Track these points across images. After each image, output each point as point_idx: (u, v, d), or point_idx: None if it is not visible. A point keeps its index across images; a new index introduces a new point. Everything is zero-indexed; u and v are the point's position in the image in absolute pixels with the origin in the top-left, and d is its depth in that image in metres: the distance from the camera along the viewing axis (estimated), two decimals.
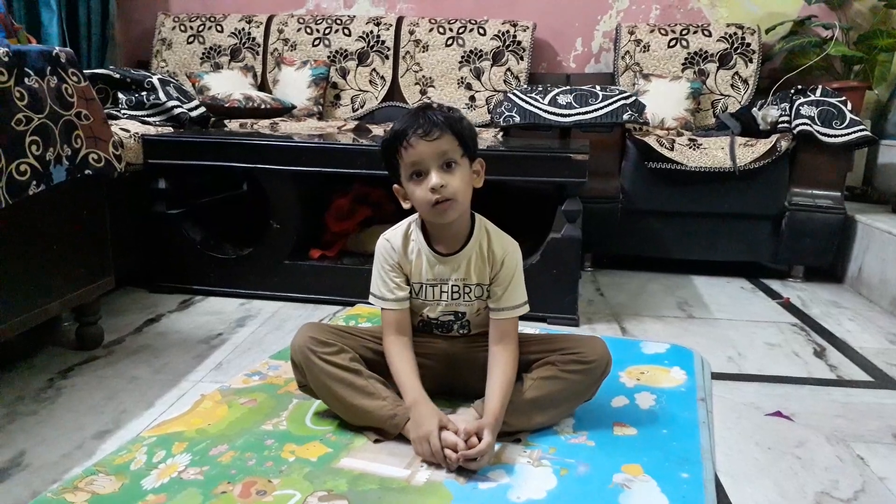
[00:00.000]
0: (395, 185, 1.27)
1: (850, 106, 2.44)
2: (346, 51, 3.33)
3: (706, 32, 3.13)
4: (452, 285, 1.29)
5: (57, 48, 1.51)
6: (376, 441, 1.23)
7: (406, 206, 1.28)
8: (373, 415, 1.23)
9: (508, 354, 1.25)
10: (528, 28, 3.23)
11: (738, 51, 3.09)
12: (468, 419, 1.20)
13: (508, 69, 3.21)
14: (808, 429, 1.37)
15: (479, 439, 1.13)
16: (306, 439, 1.24)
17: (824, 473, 1.20)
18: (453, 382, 1.35)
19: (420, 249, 1.29)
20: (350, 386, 1.24)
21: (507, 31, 3.22)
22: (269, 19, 3.41)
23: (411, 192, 1.22)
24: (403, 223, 1.32)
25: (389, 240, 1.31)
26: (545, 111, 2.38)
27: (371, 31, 3.32)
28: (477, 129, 3.01)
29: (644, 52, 3.15)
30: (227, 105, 2.86)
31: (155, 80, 2.42)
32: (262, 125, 2.78)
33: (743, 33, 3.11)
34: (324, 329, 1.31)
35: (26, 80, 1.39)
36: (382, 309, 1.31)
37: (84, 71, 1.59)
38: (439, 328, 1.35)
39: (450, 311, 1.32)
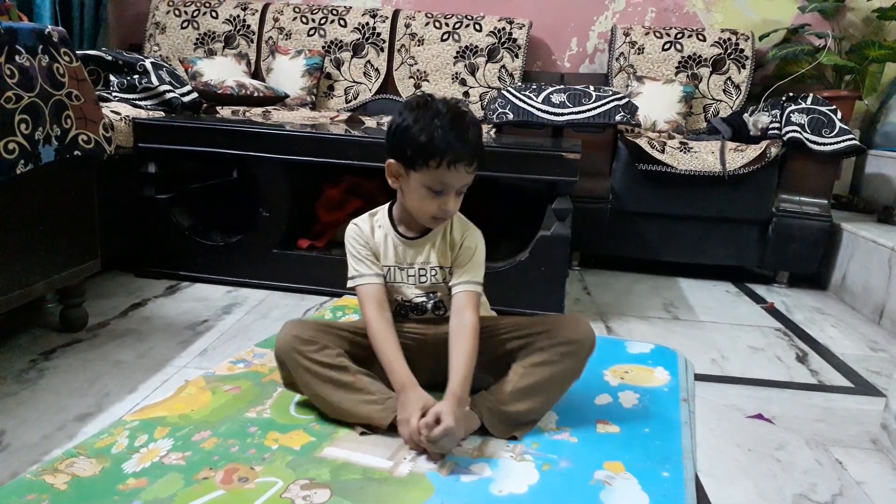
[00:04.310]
0: (390, 161, 1.25)
1: (839, 115, 2.46)
2: (341, 41, 3.32)
3: (700, 37, 3.14)
4: (419, 269, 1.31)
5: (49, 27, 1.50)
6: (362, 433, 1.23)
7: (394, 185, 1.27)
8: (360, 411, 1.23)
9: (466, 327, 1.24)
10: (524, 26, 3.23)
11: (732, 56, 3.11)
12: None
13: (503, 66, 3.21)
14: (789, 432, 1.39)
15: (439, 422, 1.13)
16: (290, 428, 1.24)
17: (803, 476, 1.22)
18: (434, 373, 1.33)
19: (387, 234, 1.32)
20: (336, 384, 1.24)
21: (503, 28, 3.22)
22: (265, 7, 3.39)
23: (419, 195, 1.22)
24: (369, 213, 1.35)
25: (358, 223, 1.34)
26: (538, 109, 2.38)
27: (367, 23, 3.31)
28: None
29: (638, 54, 3.16)
30: (219, 91, 2.84)
31: (148, 63, 2.40)
32: (255, 113, 2.77)
33: (737, 39, 3.12)
34: (308, 326, 1.30)
35: (17, 57, 1.38)
36: (361, 286, 1.30)
37: (76, 52, 1.58)
38: (414, 310, 1.35)
39: (421, 292, 1.33)
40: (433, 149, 1.17)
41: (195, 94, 2.52)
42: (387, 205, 1.34)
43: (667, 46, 3.15)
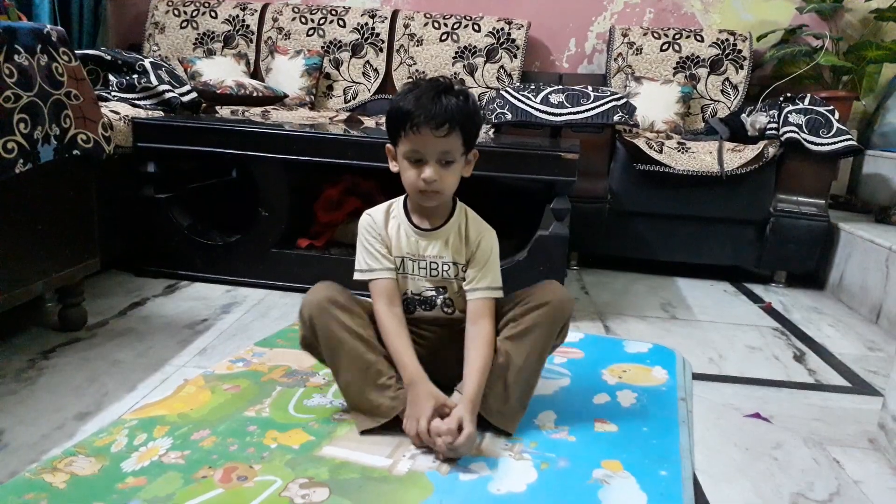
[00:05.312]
0: (388, 146, 1.28)
1: (837, 115, 2.47)
2: (340, 42, 3.32)
3: (698, 37, 3.15)
4: (431, 262, 1.30)
5: (48, 26, 1.50)
6: (362, 433, 1.23)
7: (394, 169, 1.29)
8: (371, 397, 1.23)
9: (483, 336, 1.25)
10: (522, 26, 3.23)
11: (730, 57, 3.12)
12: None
13: (502, 66, 3.22)
14: (786, 431, 1.39)
15: (461, 429, 1.14)
16: (289, 426, 1.24)
17: (800, 475, 1.22)
18: (436, 372, 1.33)
19: (400, 224, 1.31)
20: (358, 359, 1.23)
21: (502, 29, 3.23)
22: (264, 7, 3.40)
23: (403, 168, 1.24)
24: (386, 203, 1.34)
25: (371, 214, 1.33)
26: (537, 110, 2.38)
27: (366, 23, 3.31)
28: None
29: (636, 54, 3.16)
30: (218, 91, 2.84)
31: (147, 63, 2.40)
32: (254, 113, 2.77)
33: (735, 40, 3.13)
34: (342, 291, 1.29)
35: (16, 57, 1.38)
36: (371, 280, 1.30)
37: (75, 51, 1.58)
38: (423, 304, 1.34)
39: (430, 285, 1.32)
40: (401, 116, 1.19)
41: (194, 94, 2.52)
42: (403, 196, 1.33)
43: (665, 47, 3.15)
